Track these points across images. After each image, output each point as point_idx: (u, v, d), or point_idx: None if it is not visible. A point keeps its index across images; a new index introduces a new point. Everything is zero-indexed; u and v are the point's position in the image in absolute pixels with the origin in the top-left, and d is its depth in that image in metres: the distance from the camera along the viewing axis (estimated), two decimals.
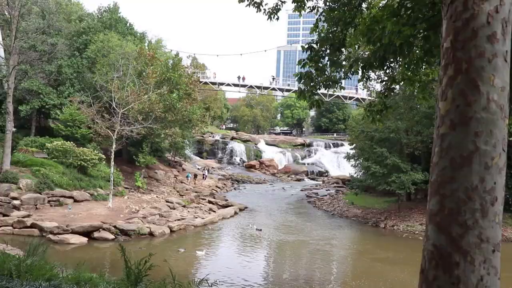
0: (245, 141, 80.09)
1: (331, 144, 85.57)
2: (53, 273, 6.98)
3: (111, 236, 22.14)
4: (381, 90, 10.17)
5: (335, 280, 17.51)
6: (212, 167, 64.34)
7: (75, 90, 39.21)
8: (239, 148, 76.48)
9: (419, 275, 2.88)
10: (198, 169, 58.95)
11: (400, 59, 8.18)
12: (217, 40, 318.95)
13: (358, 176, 42.23)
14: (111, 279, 7.33)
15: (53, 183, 27.87)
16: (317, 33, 9.73)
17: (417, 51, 8.02)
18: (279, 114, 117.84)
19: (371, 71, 8.86)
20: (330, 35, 8.66)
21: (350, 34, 8.14)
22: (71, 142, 32.81)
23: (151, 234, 23.39)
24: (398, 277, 17.68)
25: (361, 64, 8.19)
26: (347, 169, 72.67)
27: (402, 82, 9.77)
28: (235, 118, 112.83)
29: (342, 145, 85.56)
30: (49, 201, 26.39)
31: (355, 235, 28.04)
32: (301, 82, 8.96)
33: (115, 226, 22.77)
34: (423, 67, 8.34)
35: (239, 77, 76.15)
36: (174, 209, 30.81)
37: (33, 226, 21.97)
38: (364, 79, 10.66)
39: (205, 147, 75.03)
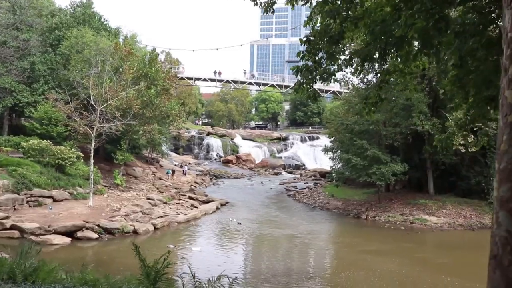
0: (221, 136, 79.86)
1: (307, 138, 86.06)
2: (57, 275, 6.81)
3: (95, 235, 21.78)
4: (376, 83, 10.23)
5: (325, 272, 17.65)
6: (189, 163, 63.92)
7: (50, 87, 38.30)
8: (215, 143, 76.22)
9: (489, 261, 2.86)
10: (175, 165, 58.54)
11: (398, 52, 8.21)
12: (190, 35, 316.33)
13: (336, 169, 42.64)
14: (114, 278, 7.17)
15: (31, 183, 27.20)
16: (310, 26, 9.72)
17: (415, 43, 8.09)
18: (254, 109, 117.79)
19: (368, 64, 8.87)
20: (328, 28, 8.63)
21: (349, 27, 8.11)
22: (48, 141, 32.06)
23: (135, 232, 23.14)
24: (387, 268, 17.92)
25: (360, 57, 8.19)
26: (324, 162, 73.36)
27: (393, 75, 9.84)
28: (210, 113, 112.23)
29: (318, 138, 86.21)
30: (27, 202, 25.74)
31: (339, 227, 28.31)
32: (300, 75, 8.91)
33: (98, 225, 22.41)
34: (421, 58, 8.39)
35: (215, 72, 75.83)
36: (156, 206, 30.54)
37: (12, 228, 21.39)
38: (358, 71, 10.69)
39: (181, 143, 74.46)
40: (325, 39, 8.66)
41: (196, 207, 32.01)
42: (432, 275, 16.81)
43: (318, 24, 9.38)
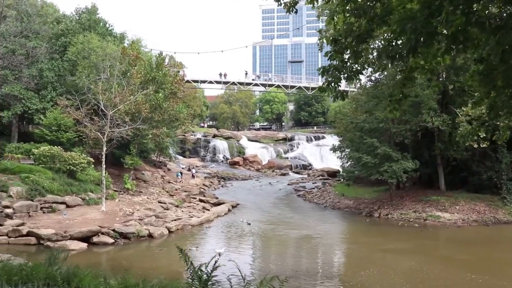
0: (227, 138, 79.97)
1: (312, 137, 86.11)
2: (98, 280, 6.81)
3: (111, 240, 21.78)
4: (399, 80, 10.16)
5: (346, 271, 17.59)
6: (196, 166, 64.03)
7: (58, 93, 38.41)
8: (221, 145, 76.32)
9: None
10: (183, 168, 58.60)
11: (428, 49, 8.16)
12: (190, 38, 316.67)
13: (345, 168, 42.59)
14: (151, 282, 7.16)
15: (44, 189, 27.27)
16: (332, 25, 9.72)
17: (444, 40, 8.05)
18: (258, 110, 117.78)
19: (396, 61, 8.82)
20: (353, 26, 8.61)
21: (378, 25, 8.09)
22: (58, 147, 32.14)
23: (150, 236, 23.11)
24: (407, 265, 17.85)
25: (390, 54, 8.16)
26: (331, 162, 73.28)
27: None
28: (214, 116, 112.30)
29: (323, 137, 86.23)
30: (41, 208, 25.81)
31: (353, 226, 28.22)
32: (328, 74, 8.88)
33: (114, 230, 22.40)
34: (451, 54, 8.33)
35: (220, 74, 75.90)
36: (168, 209, 30.54)
37: (29, 234, 21.43)
38: (381, 69, 10.64)
39: (187, 146, 74.54)
40: (352, 38, 8.64)
41: (208, 210, 32.02)
42: (454, 272, 16.72)
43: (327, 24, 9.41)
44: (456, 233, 25.56)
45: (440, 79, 31.94)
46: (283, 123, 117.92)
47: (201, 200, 36.08)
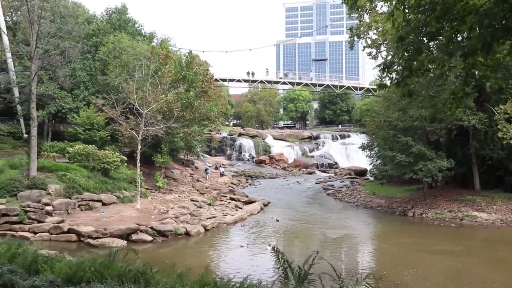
0: (252, 137, 79.92)
1: (338, 136, 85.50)
2: (171, 278, 6.82)
3: (149, 238, 21.98)
4: (461, 78, 10.00)
5: (389, 271, 17.32)
6: (223, 164, 64.20)
7: (90, 93, 38.96)
8: (247, 143, 76.33)
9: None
10: (210, 166, 58.77)
11: (503, 44, 7.99)
12: (212, 36, 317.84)
13: (377, 166, 42.21)
14: (222, 281, 7.12)
15: (80, 187, 27.69)
16: (391, 22, 9.59)
17: None
18: (282, 108, 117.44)
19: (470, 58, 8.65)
20: (419, 24, 8.48)
21: (450, 22, 7.94)
22: (93, 146, 32.58)
23: (187, 233, 23.25)
24: (452, 267, 17.52)
25: (465, 51, 8.00)
26: (357, 160, 72.80)
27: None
28: (238, 114, 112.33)
29: (349, 136, 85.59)
30: (79, 206, 26.23)
31: (389, 225, 27.84)
32: (389, 71, 8.78)
33: (151, 228, 22.61)
34: None
35: (248, 73, 75.95)
36: (201, 207, 30.68)
37: (70, 231, 21.78)
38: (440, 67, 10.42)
39: (213, 145, 74.69)
40: (417, 35, 8.51)
41: (241, 208, 32.06)
42: (502, 274, 16.37)
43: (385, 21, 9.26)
44: (496, 233, 25.04)
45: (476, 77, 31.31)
46: (307, 122, 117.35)
47: (231, 199, 36.14)
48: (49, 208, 23.95)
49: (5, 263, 7.74)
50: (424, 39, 8.38)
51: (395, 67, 8.77)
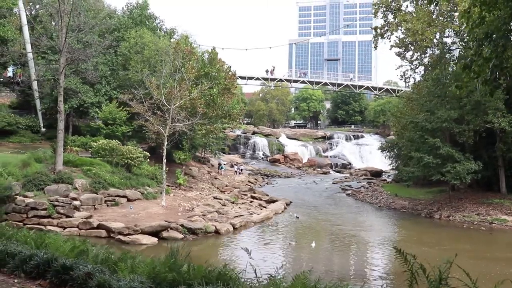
0: (266, 135, 79.66)
1: (351, 136, 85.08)
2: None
3: (180, 236, 21.68)
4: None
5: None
6: (238, 162, 63.91)
7: (111, 88, 38.78)
8: (261, 142, 76.08)
9: None
10: (225, 164, 58.49)
11: None
12: (224, 34, 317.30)
13: (397, 168, 41.80)
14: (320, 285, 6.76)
15: (106, 183, 27.41)
16: (466, 19, 9.23)
17: None
18: (294, 108, 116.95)
19: None
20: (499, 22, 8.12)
21: None
22: (116, 141, 32.35)
23: (216, 232, 22.94)
24: (503, 273, 16.97)
25: None
26: (371, 161, 72.36)
27: None
28: (250, 113, 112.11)
29: (362, 136, 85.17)
30: (105, 201, 25.96)
31: (419, 228, 27.24)
32: (469, 70, 8.43)
33: (182, 225, 22.32)
34: None
35: (267, 71, 75.59)
36: (225, 205, 30.39)
37: (100, 227, 21.54)
38: None
39: (227, 142, 74.41)
40: (500, 33, 8.15)
41: (265, 207, 31.70)
42: None
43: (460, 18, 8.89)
44: None
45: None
46: (319, 121, 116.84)
47: (253, 197, 35.80)
48: (76, 203, 23.67)
49: (84, 261, 7.46)
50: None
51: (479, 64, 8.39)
